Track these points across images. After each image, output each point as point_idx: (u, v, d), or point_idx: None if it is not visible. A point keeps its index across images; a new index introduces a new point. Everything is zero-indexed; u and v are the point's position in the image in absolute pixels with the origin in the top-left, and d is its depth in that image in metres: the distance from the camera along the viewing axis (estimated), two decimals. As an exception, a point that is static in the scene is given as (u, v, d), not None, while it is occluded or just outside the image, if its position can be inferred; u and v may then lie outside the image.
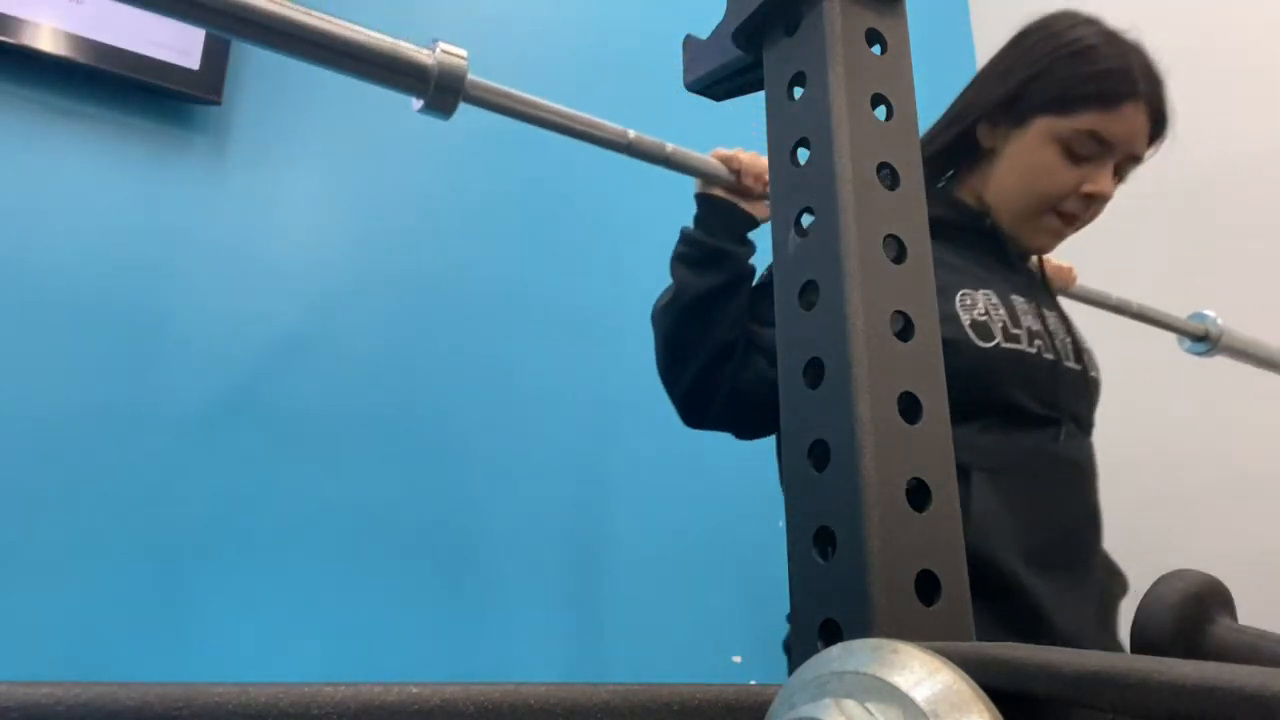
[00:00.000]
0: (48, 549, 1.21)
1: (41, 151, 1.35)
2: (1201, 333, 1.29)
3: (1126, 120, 0.95)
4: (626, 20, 1.95)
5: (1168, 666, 0.21)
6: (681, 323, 0.91)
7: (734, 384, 0.91)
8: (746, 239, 0.95)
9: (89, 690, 0.24)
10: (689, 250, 0.93)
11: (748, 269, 0.94)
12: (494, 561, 1.47)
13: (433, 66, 0.68)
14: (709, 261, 0.91)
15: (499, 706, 0.28)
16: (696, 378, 0.91)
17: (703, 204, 0.95)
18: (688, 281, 0.91)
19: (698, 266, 0.91)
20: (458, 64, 0.69)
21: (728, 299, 0.90)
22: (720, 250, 0.91)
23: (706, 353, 0.90)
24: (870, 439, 0.35)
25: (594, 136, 0.83)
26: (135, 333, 1.36)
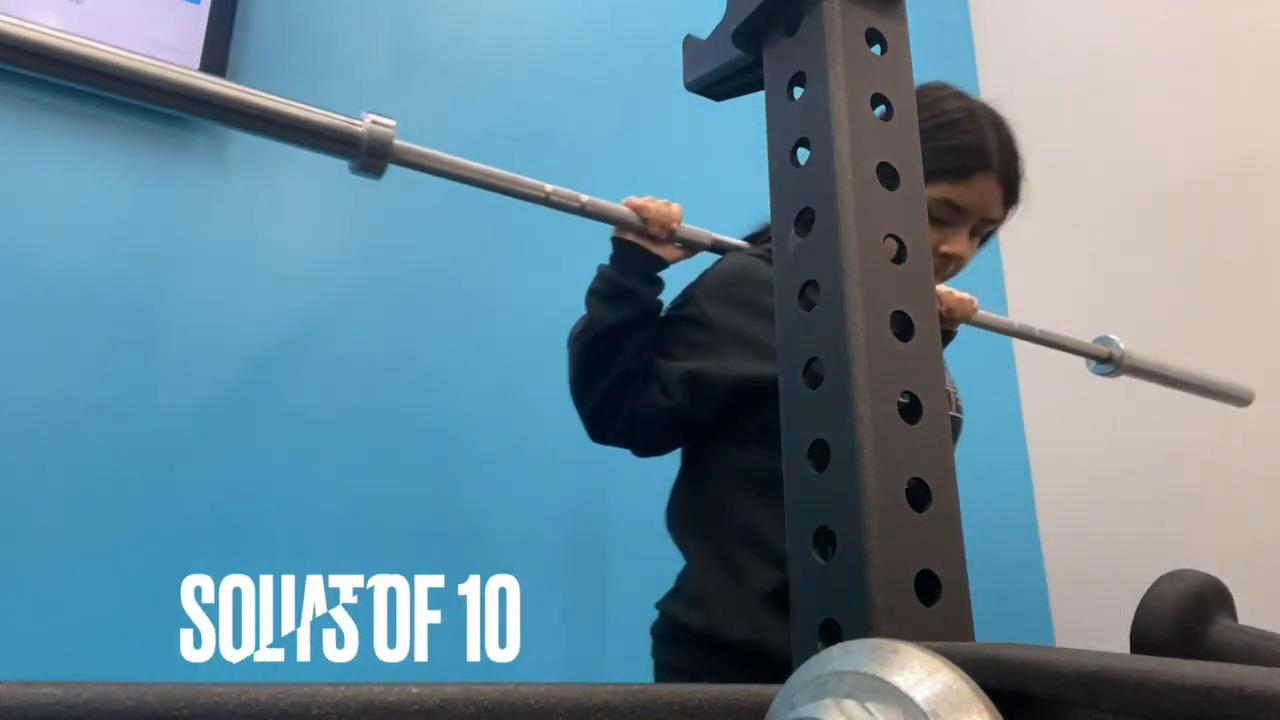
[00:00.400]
0: (48, 549, 1.21)
1: (41, 151, 1.35)
2: (1105, 355, 1.32)
3: (978, 190, 1.03)
4: (627, 20, 1.95)
5: (1168, 666, 0.21)
6: (591, 351, 1.02)
7: (633, 408, 1.02)
8: (655, 279, 1.06)
9: (89, 690, 0.24)
10: (602, 286, 1.04)
11: (654, 305, 1.05)
12: (494, 561, 1.47)
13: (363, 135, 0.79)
14: (619, 298, 1.02)
15: (499, 706, 0.27)
16: (601, 400, 1.02)
17: (616, 247, 1.05)
18: (599, 314, 1.02)
19: (609, 301, 1.03)
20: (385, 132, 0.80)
21: (634, 332, 1.02)
22: (629, 289, 1.02)
23: (611, 379, 1.01)
24: (870, 439, 0.35)
25: (514, 191, 0.95)
26: (135, 332, 1.36)
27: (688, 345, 1.03)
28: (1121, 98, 2.07)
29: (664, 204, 1.04)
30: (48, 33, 0.62)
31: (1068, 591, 2.01)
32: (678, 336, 1.04)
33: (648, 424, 1.01)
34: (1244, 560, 1.63)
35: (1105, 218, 2.05)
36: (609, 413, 1.02)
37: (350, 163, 0.81)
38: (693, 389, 0.99)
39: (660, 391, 1.01)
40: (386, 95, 1.66)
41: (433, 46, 1.74)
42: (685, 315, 1.05)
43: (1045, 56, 2.30)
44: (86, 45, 0.65)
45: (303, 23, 1.62)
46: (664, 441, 1.07)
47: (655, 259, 1.04)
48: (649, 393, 1.01)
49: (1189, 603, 0.33)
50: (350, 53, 1.65)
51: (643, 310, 1.03)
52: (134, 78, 0.66)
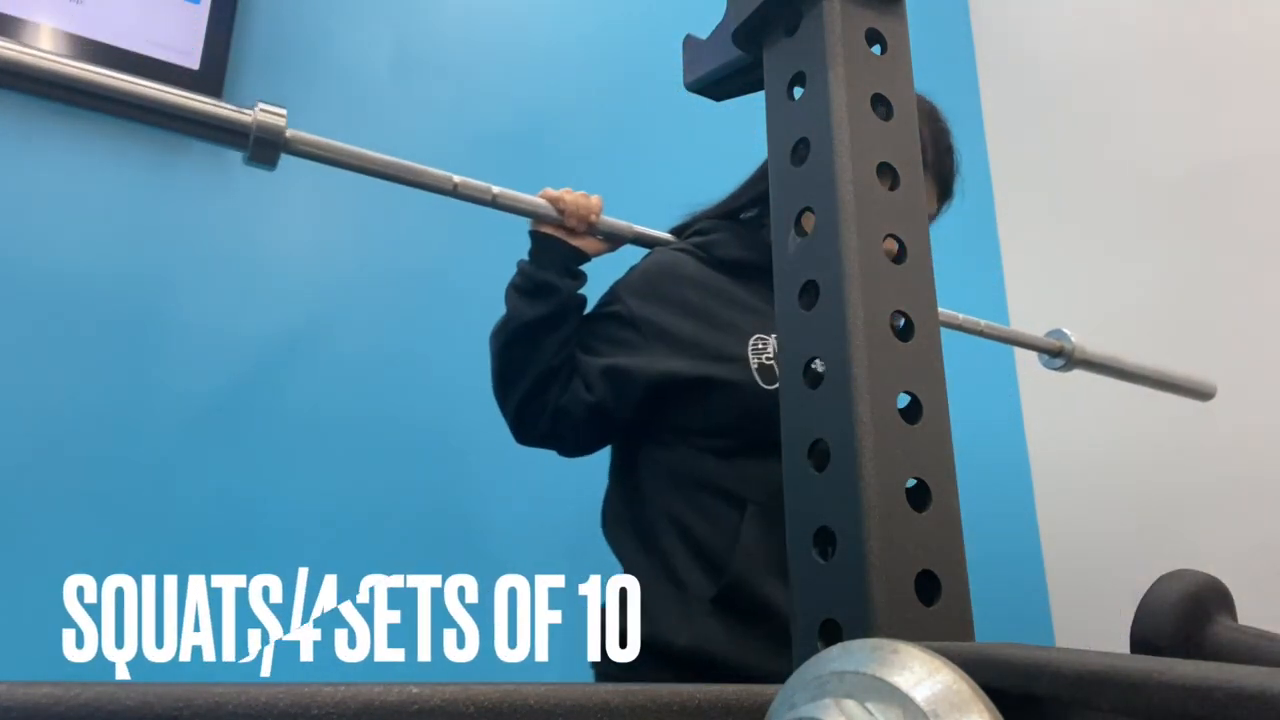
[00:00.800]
0: (47, 549, 1.21)
1: (41, 152, 1.35)
2: (1057, 349, 1.33)
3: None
4: (627, 20, 1.95)
5: (1168, 666, 0.21)
6: (510, 347, 1.00)
7: (557, 405, 0.99)
8: (576, 272, 1.04)
9: (89, 690, 0.24)
10: (520, 281, 1.02)
11: (575, 300, 1.03)
12: (493, 561, 1.47)
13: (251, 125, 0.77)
14: (537, 292, 1.00)
15: (499, 706, 0.27)
16: (524, 398, 1.00)
17: (534, 240, 1.03)
18: (518, 309, 1.00)
19: (527, 296, 1.00)
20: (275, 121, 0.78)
21: (554, 327, 0.99)
22: (547, 283, 1.00)
23: (532, 376, 0.99)
24: (870, 439, 0.35)
25: (419, 182, 0.92)
26: (134, 332, 1.36)
27: (611, 342, 1.02)
28: (1121, 98, 2.07)
29: (582, 196, 1.02)
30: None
31: (1068, 591, 2.00)
32: (602, 333, 1.03)
33: (571, 420, 0.99)
34: (1244, 560, 1.63)
35: (1104, 217, 2.05)
36: (534, 412, 1.00)
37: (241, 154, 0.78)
38: (614, 384, 0.98)
39: (583, 387, 0.99)
40: (386, 95, 1.66)
41: (432, 47, 1.74)
42: (610, 312, 1.04)
43: (1045, 56, 2.30)
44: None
45: (303, 23, 1.62)
46: (589, 439, 1.06)
47: (574, 251, 1.03)
48: (572, 388, 0.99)
49: (1189, 603, 0.33)
50: (350, 53, 1.65)
51: (562, 304, 1.00)
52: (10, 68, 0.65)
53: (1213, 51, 1.91)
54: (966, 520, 0.38)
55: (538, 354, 0.99)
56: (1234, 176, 1.82)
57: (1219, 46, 1.90)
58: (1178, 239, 1.90)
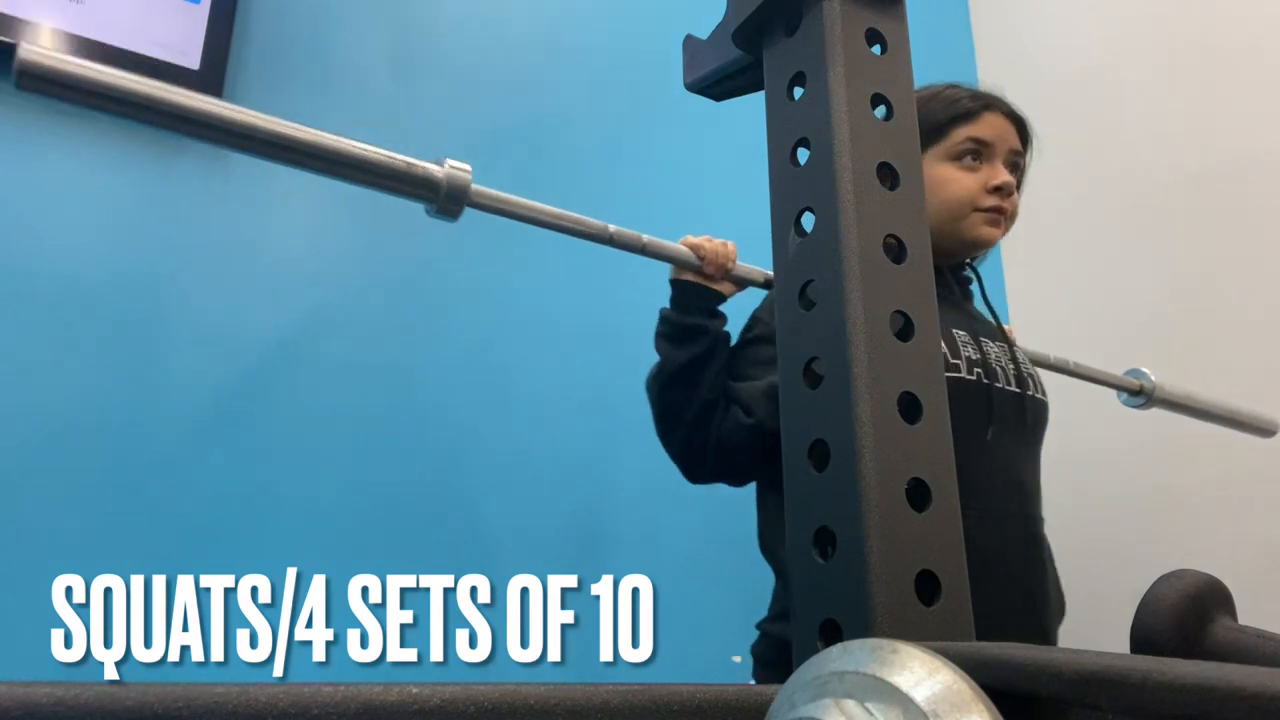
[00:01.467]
0: (38, 548, 1.21)
1: (41, 152, 1.35)
2: (1137, 388, 1.35)
3: (989, 124, 1.13)
4: (627, 21, 1.95)
5: (1168, 666, 0.21)
6: (668, 391, 1.05)
7: (719, 436, 1.03)
8: (717, 312, 1.09)
9: (89, 690, 0.24)
10: (668, 329, 1.07)
11: (722, 337, 1.08)
12: (493, 561, 1.47)
13: (442, 180, 0.83)
14: (685, 337, 1.06)
15: (499, 706, 0.27)
16: (687, 436, 1.04)
17: (675, 288, 1.09)
18: (669, 355, 1.06)
19: (676, 342, 1.06)
20: (463, 177, 0.84)
21: (705, 365, 1.05)
22: (695, 326, 1.06)
23: (692, 413, 1.04)
24: (870, 439, 0.35)
25: (580, 232, 0.98)
26: (134, 333, 1.36)
27: (761, 364, 1.06)
28: (1121, 98, 2.07)
29: (720, 244, 1.06)
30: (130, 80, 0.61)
31: (1068, 591, 2.00)
32: (751, 358, 1.08)
33: (734, 446, 1.03)
34: (1244, 560, 1.63)
35: (1105, 217, 2.05)
36: (698, 447, 1.04)
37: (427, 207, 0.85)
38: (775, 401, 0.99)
39: (742, 412, 1.03)
40: (386, 96, 1.66)
41: (432, 47, 1.74)
42: (754, 337, 1.09)
43: (1045, 56, 2.30)
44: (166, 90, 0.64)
45: (303, 23, 1.62)
46: (757, 463, 1.08)
47: (713, 294, 1.07)
48: (731, 417, 1.04)
49: (1189, 603, 0.33)
50: (350, 53, 1.65)
51: (712, 342, 1.06)
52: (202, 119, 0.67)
53: (1214, 52, 1.91)
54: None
55: (694, 392, 1.04)
56: (1236, 178, 1.82)
57: (1220, 47, 1.90)
58: (1178, 240, 1.90)
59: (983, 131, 1.12)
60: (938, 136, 1.13)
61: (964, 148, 1.12)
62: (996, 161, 1.14)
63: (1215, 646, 0.32)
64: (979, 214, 1.12)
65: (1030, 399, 1.15)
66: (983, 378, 1.08)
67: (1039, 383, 1.19)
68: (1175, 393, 1.38)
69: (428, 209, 0.85)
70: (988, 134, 1.13)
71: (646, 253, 1.02)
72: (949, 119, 1.12)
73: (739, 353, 1.10)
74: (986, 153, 1.13)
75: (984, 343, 1.13)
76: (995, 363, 1.11)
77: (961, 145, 1.12)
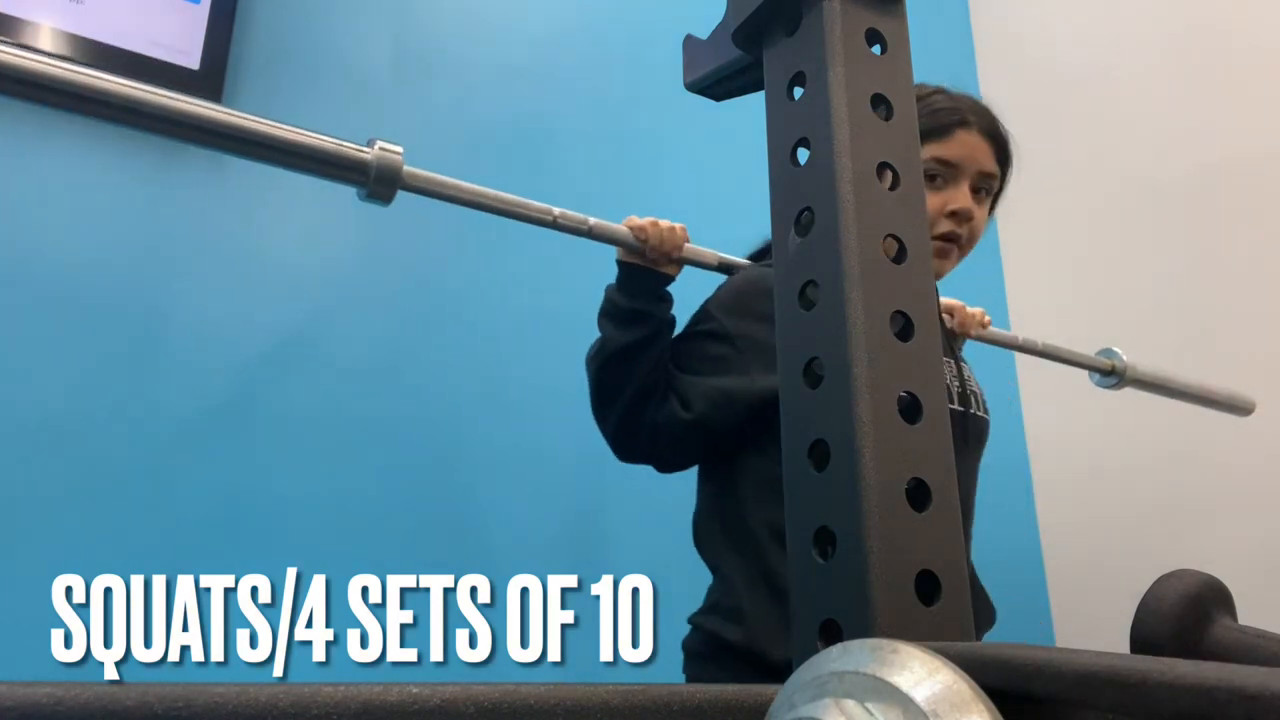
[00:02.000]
0: (47, 549, 1.21)
1: (41, 152, 1.35)
2: (1109, 368, 1.34)
3: (961, 144, 1.08)
4: (627, 21, 1.95)
5: (1168, 666, 0.21)
6: (607, 370, 1.04)
7: (654, 421, 1.03)
8: (665, 295, 1.07)
9: (89, 690, 0.24)
10: (612, 309, 1.06)
11: (666, 321, 1.07)
12: (493, 561, 1.47)
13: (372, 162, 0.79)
14: (629, 320, 1.04)
15: (499, 706, 0.27)
16: (622, 417, 1.04)
17: (621, 270, 1.07)
18: (611, 336, 1.05)
19: (619, 324, 1.05)
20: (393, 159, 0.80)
21: (646, 349, 1.04)
22: (638, 310, 1.05)
23: (629, 395, 1.03)
24: (870, 439, 0.35)
25: (522, 214, 0.97)
26: (134, 333, 1.36)
27: (707, 359, 1.05)
28: (1121, 98, 2.07)
29: (667, 228, 1.05)
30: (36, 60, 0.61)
31: (1068, 592, 2.01)
32: (696, 351, 1.06)
33: (669, 436, 1.03)
34: (1244, 560, 1.63)
35: (1105, 217, 2.05)
36: (631, 429, 1.04)
37: (358, 190, 0.81)
38: (715, 403, 1.01)
39: (680, 405, 1.03)
40: (386, 96, 1.66)
41: (432, 47, 1.74)
42: (704, 330, 1.07)
43: (1045, 56, 2.30)
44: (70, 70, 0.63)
45: (303, 23, 1.62)
46: (688, 454, 1.08)
47: (659, 276, 1.06)
48: (668, 406, 1.03)
49: (1189, 603, 0.33)
50: (350, 53, 1.65)
51: (654, 329, 1.05)
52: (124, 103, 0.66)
53: (1214, 51, 1.91)
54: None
55: (633, 375, 1.03)
56: (1237, 176, 1.82)
57: (1220, 46, 1.90)
58: (1178, 239, 1.90)
59: (950, 152, 1.08)
60: None
61: (929, 167, 1.08)
62: (962, 184, 1.09)
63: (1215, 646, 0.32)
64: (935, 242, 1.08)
65: (972, 417, 1.14)
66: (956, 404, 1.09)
67: (981, 400, 1.17)
68: (1147, 373, 1.36)
69: (359, 193, 0.81)
70: (955, 154, 1.08)
71: (592, 235, 1.02)
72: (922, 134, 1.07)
73: (686, 342, 1.08)
74: (951, 174, 1.09)
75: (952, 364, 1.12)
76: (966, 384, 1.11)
77: (927, 164, 1.08)
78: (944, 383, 0.39)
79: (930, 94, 1.12)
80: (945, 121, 1.08)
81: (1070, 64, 2.22)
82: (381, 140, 0.80)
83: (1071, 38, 2.24)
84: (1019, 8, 2.41)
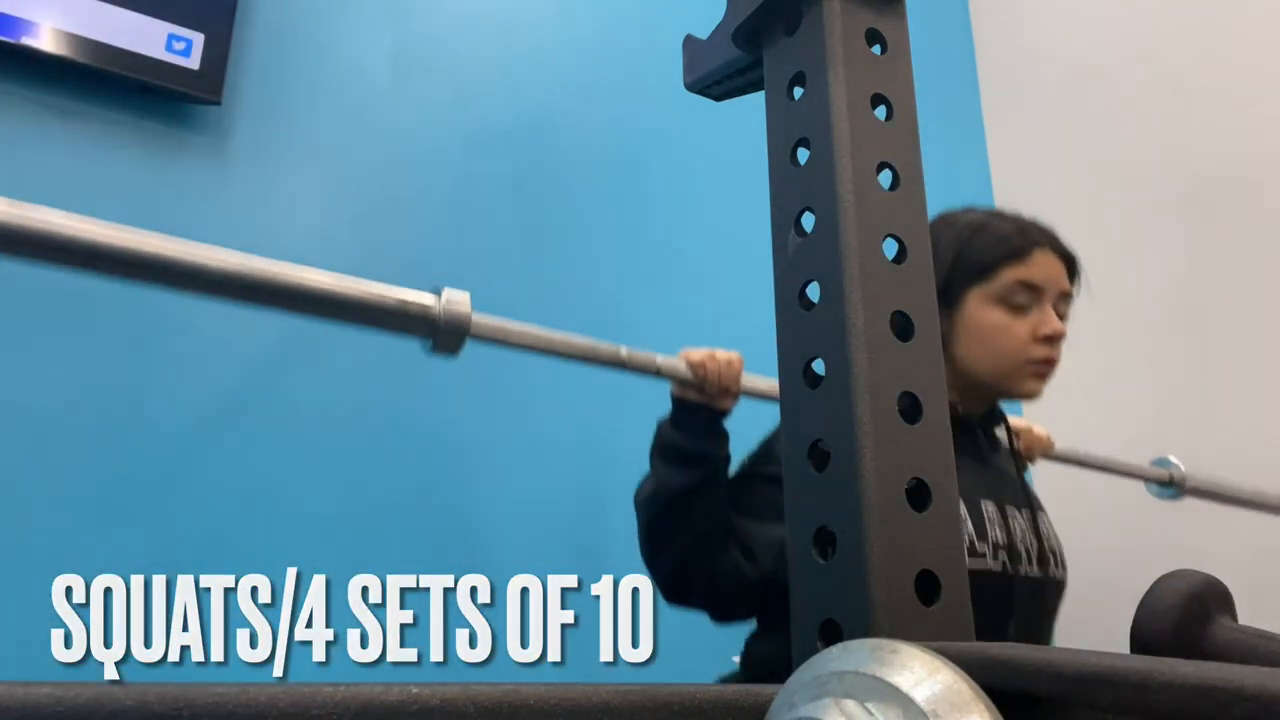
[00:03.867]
0: (47, 548, 1.21)
1: (41, 151, 1.35)
2: (1166, 478, 1.34)
3: (1040, 264, 1.04)
4: (627, 20, 1.95)
5: (1168, 666, 0.21)
6: (662, 516, 0.99)
7: (711, 572, 0.98)
8: (719, 430, 1.03)
9: (89, 690, 0.24)
10: (666, 449, 1.02)
11: (723, 460, 1.03)
12: (494, 561, 1.47)
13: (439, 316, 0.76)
14: (686, 461, 1.00)
15: (499, 706, 0.27)
16: (676, 566, 0.98)
17: (677, 406, 1.04)
18: (665, 478, 0.99)
19: (675, 465, 1.00)
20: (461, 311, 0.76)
21: (704, 492, 0.98)
22: (696, 451, 1.00)
23: (687, 541, 0.97)
24: (870, 439, 0.35)
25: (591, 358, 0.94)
26: (134, 334, 1.36)
27: (774, 506, 1.00)
28: (1121, 97, 2.07)
29: (725, 361, 1.01)
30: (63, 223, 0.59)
31: (1068, 591, 2.00)
32: (761, 495, 1.01)
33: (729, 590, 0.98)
34: (1244, 560, 1.63)
35: (1105, 217, 2.05)
36: (688, 576, 0.99)
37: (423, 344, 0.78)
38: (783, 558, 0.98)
39: (743, 556, 0.98)
40: (386, 96, 1.66)
41: (432, 48, 1.74)
42: (769, 474, 1.02)
43: (1045, 56, 2.30)
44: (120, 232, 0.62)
45: (303, 23, 1.62)
46: (748, 608, 1.04)
47: (717, 414, 1.03)
48: (730, 556, 0.98)
49: (1189, 603, 0.33)
50: (350, 53, 1.65)
51: (712, 470, 1.00)
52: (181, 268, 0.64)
53: (1214, 51, 1.91)
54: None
55: (691, 520, 0.98)
56: (1238, 176, 1.82)
57: (1220, 45, 1.90)
58: (1179, 240, 1.90)
59: (1034, 274, 1.03)
60: (983, 276, 1.03)
61: (1013, 292, 1.03)
62: (1046, 305, 1.04)
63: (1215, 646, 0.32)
64: (1028, 365, 1.05)
65: (1052, 582, 1.09)
66: (1008, 566, 1.02)
67: (1060, 556, 1.13)
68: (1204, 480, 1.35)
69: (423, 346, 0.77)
70: (1039, 277, 1.04)
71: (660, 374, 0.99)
72: (997, 258, 1.03)
73: (748, 483, 1.04)
74: (1036, 298, 1.04)
75: (1010, 516, 1.06)
76: (1021, 542, 1.04)
77: (1011, 289, 1.03)
78: (944, 384, 0.39)
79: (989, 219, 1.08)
80: (1019, 244, 1.04)
81: (1070, 64, 2.22)
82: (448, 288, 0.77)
83: (1071, 38, 2.24)
84: (1019, 8, 2.41)
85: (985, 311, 1.04)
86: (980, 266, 1.04)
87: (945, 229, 1.08)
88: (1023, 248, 1.04)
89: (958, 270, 1.05)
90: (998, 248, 1.04)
